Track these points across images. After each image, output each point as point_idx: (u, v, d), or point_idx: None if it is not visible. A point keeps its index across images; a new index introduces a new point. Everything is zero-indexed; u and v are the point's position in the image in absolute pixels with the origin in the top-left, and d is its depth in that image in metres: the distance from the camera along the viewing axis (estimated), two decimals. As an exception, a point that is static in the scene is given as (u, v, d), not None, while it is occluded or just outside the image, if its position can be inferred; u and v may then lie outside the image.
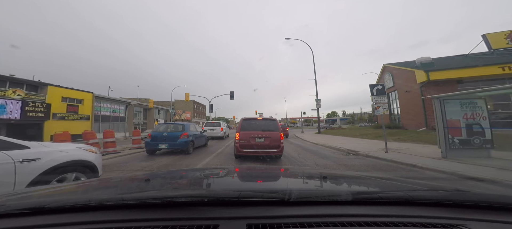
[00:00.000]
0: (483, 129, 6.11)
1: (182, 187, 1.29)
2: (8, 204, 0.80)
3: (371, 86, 8.40)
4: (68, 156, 2.76)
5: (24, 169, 2.29)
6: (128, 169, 5.66)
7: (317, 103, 16.03)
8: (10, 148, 2.31)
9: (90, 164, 3.02)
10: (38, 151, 2.51)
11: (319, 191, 1.15)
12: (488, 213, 0.76)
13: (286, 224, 0.68)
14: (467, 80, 15.69)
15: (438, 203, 0.84)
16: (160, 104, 44.83)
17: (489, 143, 6.04)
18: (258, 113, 47.39)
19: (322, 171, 1.88)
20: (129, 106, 29.58)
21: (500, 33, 16.99)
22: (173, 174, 1.76)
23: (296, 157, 7.45)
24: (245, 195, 0.85)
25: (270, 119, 7.04)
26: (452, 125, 6.21)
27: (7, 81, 16.14)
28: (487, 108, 6.26)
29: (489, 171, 4.45)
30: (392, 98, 22.19)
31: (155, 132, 8.46)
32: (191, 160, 6.85)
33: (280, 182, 1.52)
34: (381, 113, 7.99)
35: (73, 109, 20.47)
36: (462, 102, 6.31)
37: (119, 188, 1.26)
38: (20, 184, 2.24)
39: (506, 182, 3.75)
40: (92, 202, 0.80)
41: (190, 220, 0.72)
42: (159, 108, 41.81)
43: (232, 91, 26.08)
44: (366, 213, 0.77)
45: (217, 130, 15.77)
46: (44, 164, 2.47)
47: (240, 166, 4.72)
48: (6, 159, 2.19)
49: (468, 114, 6.23)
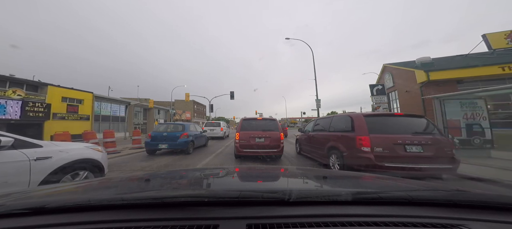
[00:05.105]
0: (483, 129, 6.12)
1: (182, 187, 1.29)
2: (8, 204, 0.80)
3: (371, 86, 8.40)
4: (77, 154, 2.85)
5: (37, 167, 2.37)
6: (128, 169, 5.66)
7: (317, 103, 16.02)
8: (26, 146, 2.39)
9: (97, 162, 3.11)
10: (50, 149, 2.59)
11: (319, 191, 1.15)
12: (488, 213, 0.76)
13: (286, 224, 0.68)
14: (467, 80, 15.68)
15: (438, 203, 0.84)
16: (160, 104, 44.80)
17: (489, 143, 6.05)
18: (258, 113, 47.44)
19: (322, 171, 1.88)
20: (129, 106, 29.55)
21: (500, 33, 16.98)
22: (173, 174, 1.76)
23: (294, 156, 7.45)
24: (245, 195, 0.85)
25: (270, 119, 7.04)
26: (452, 125, 6.22)
27: (7, 81, 16.13)
28: (487, 108, 6.26)
29: (489, 171, 4.45)
30: (392, 98, 22.18)
31: (155, 132, 8.46)
32: (191, 160, 6.85)
33: (280, 182, 1.52)
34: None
35: (73, 109, 20.45)
36: (462, 102, 6.32)
37: (119, 188, 1.26)
38: (34, 182, 2.31)
39: (506, 182, 3.75)
40: (92, 202, 0.80)
41: (190, 220, 0.72)
42: (159, 108, 41.78)
43: (232, 91, 26.06)
44: (366, 213, 0.77)
45: (217, 130, 15.77)
46: (55, 162, 2.54)
47: (240, 166, 4.72)
48: (22, 157, 2.27)
49: (468, 114, 6.24)
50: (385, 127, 4.22)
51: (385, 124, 4.28)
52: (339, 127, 5.09)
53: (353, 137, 4.24)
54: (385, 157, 3.85)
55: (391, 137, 3.98)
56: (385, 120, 4.41)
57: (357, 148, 4.07)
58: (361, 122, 4.29)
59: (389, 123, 4.33)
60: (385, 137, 4.01)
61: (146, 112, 37.43)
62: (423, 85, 16.70)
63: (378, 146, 3.92)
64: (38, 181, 2.35)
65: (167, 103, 44.78)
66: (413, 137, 3.96)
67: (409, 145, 3.88)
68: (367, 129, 4.14)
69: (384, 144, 3.94)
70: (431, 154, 3.84)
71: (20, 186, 2.24)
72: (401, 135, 4.01)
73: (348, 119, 4.75)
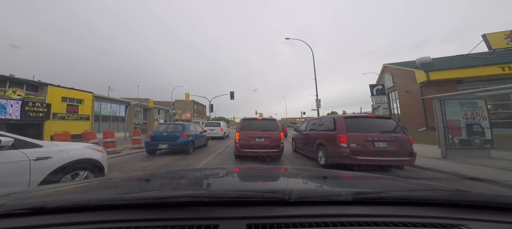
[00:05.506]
0: (483, 129, 6.12)
1: (182, 187, 1.29)
2: (8, 204, 0.80)
3: (371, 86, 8.43)
4: (77, 154, 2.85)
5: (37, 167, 2.37)
6: (128, 169, 5.66)
7: (317, 103, 16.01)
8: (26, 146, 2.39)
9: (97, 162, 3.11)
10: (50, 149, 2.59)
11: (319, 191, 1.15)
12: (488, 213, 0.76)
13: (286, 224, 0.68)
14: (467, 80, 15.69)
15: (438, 203, 0.84)
16: (160, 104, 44.80)
17: (489, 143, 6.05)
18: (258, 113, 47.41)
19: (322, 171, 1.88)
20: (129, 106, 29.56)
21: (500, 33, 16.99)
22: (173, 174, 1.76)
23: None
24: (245, 195, 0.85)
25: (270, 119, 7.04)
26: (452, 125, 6.22)
27: (7, 81, 16.13)
28: (487, 108, 6.26)
29: (489, 171, 4.46)
30: (392, 98, 22.18)
31: (155, 132, 8.46)
32: (191, 160, 6.84)
33: (280, 182, 1.52)
34: (381, 113, 8.00)
35: (73, 109, 20.45)
36: (462, 102, 6.31)
37: (119, 188, 1.26)
38: (34, 182, 2.31)
39: (506, 182, 3.75)
40: (92, 202, 0.80)
41: (190, 220, 0.72)
42: (159, 108, 41.78)
43: (232, 91, 26.05)
44: (366, 213, 0.77)
45: (217, 130, 15.77)
46: (55, 162, 2.55)
47: (240, 166, 4.72)
48: (22, 157, 2.28)
49: (468, 114, 6.24)
50: (360, 127, 4.96)
51: (360, 124, 5.02)
52: (325, 127, 5.84)
53: (335, 135, 4.98)
54: (359, 151, 4.58)
55: (363, 135, 4.73)
56: (360, 121, 5.15)
57: (337, 144, 4.80)
58: (341, 123, 5.07)
59: (363, 124, 5.06)
60: (359, 135, 4.74)
61: (146, 112, 37.43)
62: (423, 85, 16.72)
63: (353, 142, 4.66)
64: (38, 181, 2.35)
65: (167, 103, 44.78)
66: (380, 135, 4.72)
67: (377, 141, 4.64)
68: (345, 128, 4.88)
69: (358, 140, 4.67)
70: (394, 149, 4.59)
71: (20, 186, 2.23)
72: (371, 133, 4.76)
73: (332, 120, 5.54)
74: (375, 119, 5.23)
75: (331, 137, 5.17)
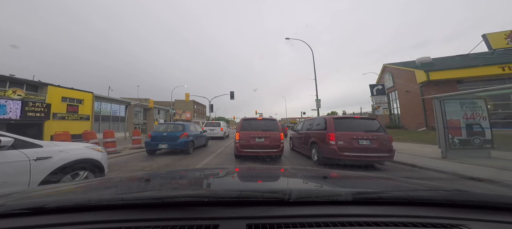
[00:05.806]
0: (483, 129, 6.12)
1: (182, 187, 1.29)
2: (8, 204, 0.80)
3: (371, 86, 8.46)
4: (77, 154, 2.85)
5: (37, 167, 2.37)
6: (128, 169, 5.65)
7: (317, 103, 16.01)
8: (26, 146, 2.39)
9: (97, 162, 3.11)
10: (50, 149, 2.59)
11: (319, 191, 1.15)
12: (488, 213, 0.77)
13: (286, 224, 0.68)
14: (467, 80, 15.70)
15: (438, 203, 0.84)
16: (160, 104, 44.79)
17: (489, 143, 6.05)
18: (258, 113, 47.40)
19: (322, 171, 1.88)
20: (129, 106, 29.56)
21: (500, 33, 16.99)
22: (173, 174, 1.75)
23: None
24: (245, 195, 0.85)
25: (270, 119, 7.04)
26: (452, 125, 6.21)
27: (7, 81, 16.13)
28: (487, 108, 6.26)
29: (489, 171, 4.45)
30: (392, 98, 22.16)
31: (155, 132, 8.45)
32: (191, 160, 6.84)
33: (280, 182, 1.52)
34: (381, 113, 8.02)
35: (73, 109, 20.45)
36: (462, 102, 6.31)
37: (119, 188, 1.26)
38: (34, 182, 2.31)
39: (506, 182, 3.75)
40: (92, 202, 0.80)
41: (190, 220, 0.72)
42: (159, 108, 41.78)
43: (232, 91, 26.05)
44: (366, 213, 0.77)
45: (217, 130, 15.76)
46: (55, 162, 2.54)
47: (240, 166, 4.72)
48: (22, 157, 2.28)
49: (468, 114, 6.24)
50: (347, 126, 5.50)
51: (348, 124, 5.57)
52: (318, 127, 6.35)
53: (325, 134, 5.50)
54: (345, 148, 5.12)
55: (350, 134, 5.26)
56: (348, 121, 5.73)
57: (327, 141, 5.33)
58: (330, 122, 5.62)
59: (350, 124, 5.61)
60: (346, 134, 5.28)
61: (146, 112, 37.42)
62: (423, 85, 16.72)
63: (341, 140, 5.19)
64: (38, 181, 2.35)
65: (167, 103, 44.79)
66: (364, 134, 5.26)
67: (361, 139, 5.17)
68: (334, 127, 5.44)
69: (345, 138, 5.20)
70: (375, 146, 5.10)
71: (20, 186, 2.23)
72: (356, 132, 5.29)
73: (323, 120, 6.07)
74: (361, 120, 5.84)
75: (322, 135, 5.69)
